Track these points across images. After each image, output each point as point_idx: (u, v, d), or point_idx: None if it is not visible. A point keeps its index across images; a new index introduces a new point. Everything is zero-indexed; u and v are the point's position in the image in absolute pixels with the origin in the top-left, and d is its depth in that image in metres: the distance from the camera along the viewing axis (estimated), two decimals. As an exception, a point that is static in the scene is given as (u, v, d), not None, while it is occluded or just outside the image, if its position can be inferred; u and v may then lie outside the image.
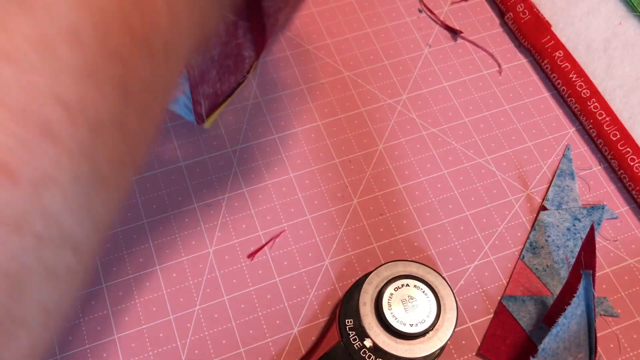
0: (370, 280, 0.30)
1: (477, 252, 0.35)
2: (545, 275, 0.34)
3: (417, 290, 0.30)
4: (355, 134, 0.39)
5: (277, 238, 0.35)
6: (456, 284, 0.34)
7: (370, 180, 0.37)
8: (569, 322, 0.30)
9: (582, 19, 0.43)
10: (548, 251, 0.35)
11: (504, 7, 0.43)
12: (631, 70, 0.41)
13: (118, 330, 0.33)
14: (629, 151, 0.37)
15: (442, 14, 0.44)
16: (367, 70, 0.41)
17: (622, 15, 0.44)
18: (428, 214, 0.36)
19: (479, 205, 0.37)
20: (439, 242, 0.36)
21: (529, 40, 0.42)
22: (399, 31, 0.43)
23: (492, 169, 0.38)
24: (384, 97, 0.40)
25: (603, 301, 0.34)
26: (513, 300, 0.34)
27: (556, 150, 0.39)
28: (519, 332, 0.33)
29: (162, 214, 0.36)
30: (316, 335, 0.33)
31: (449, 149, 0.39)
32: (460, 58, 0.42)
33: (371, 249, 0.35)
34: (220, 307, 0.33)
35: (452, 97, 0.41)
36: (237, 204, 0.36)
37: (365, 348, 0.29)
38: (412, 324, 0.29)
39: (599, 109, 0.39)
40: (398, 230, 0.36)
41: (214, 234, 0.35)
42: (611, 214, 0.37)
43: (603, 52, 0.42)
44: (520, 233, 0.36)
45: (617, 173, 0.38)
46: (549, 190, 0.37)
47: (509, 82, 0.41)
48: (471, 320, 0.34)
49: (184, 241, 0.35)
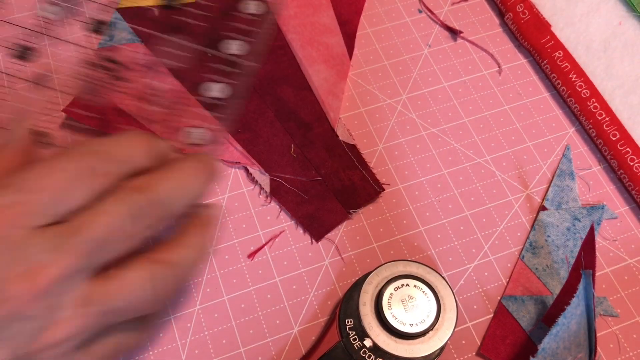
0: (370, 280, 0.30)
1: (477, 252, 0.35)
2: (545, 275, 0.34)
3: (417, 290, 0.30)
4: (356, 134, 0.39)
5: (277, 238, 0.35)
6: (456, 284, 0.34)
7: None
8: (569, 322, 0.30)
9: (582, 19, 0.43)
10: (548, 251, 0.35)
11: (504, 7, 0.43)
12: (631, 70, 0.41)
13: (118, 330, 0.33)
14: (629, 151, 0.37)
15: (442, 14, 0.44)
16: (367, 70, 0.41)
17: (622, 15, 0.44)
18: (428, 214, 0.36)
19: (478, 205, 0.37)
20: (439, 242, 0.36)
21: (528, 40, 0.42)
22: (399, 31, 0.43)
23: (492, 169, 0.38)
24: (384, 97, 0.40)
25: (603, 301, 0.34)
26: (513, 300, 0.34)
27: (556, 150, 0.39)
28: (518, 332, 0.33)
29: (162, 213, 0.36)
30: (316, 335, 0.33)
31: (448, 149, 0.39)
32: (460, 58, 0.42)
33: (371, 249, 0.35)
34: (220, 307, 0.33)
35: (452, 97, 0.41)
36: (237, 204, 0.36)
37: (365, 348, 0.29)
38: (412, 324, 0.29)
39: (599, 109, 0.39)
40: (398, 230, 0.36)
41: (214, 234, 0.35)
42: (611, 214, 0.37)
43: (603, 52, 0.42)
44: (520, 233, 0.36)
45: (616, 173, 0.38)
46: (548, 190, 0.37)
47: (509, 82, 0.41)
48: (471, 320, 0.34)
49: (184, 241, 0.35)
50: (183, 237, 0.26)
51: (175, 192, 0.25)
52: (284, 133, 0.38)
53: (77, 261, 0.22)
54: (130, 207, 0.23)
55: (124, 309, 0.24)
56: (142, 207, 0.24)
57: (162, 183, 0.25)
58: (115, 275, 0.23)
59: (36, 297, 0.21)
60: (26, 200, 0.22)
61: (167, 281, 0.25)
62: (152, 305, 0.25)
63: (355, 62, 0.42)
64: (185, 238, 0.26)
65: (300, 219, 0.36)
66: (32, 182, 0.22)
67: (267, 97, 0.39)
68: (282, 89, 0.40)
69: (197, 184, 0.27)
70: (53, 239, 0.22)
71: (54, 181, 0.22)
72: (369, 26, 0.43)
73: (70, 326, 0.22)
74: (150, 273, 0.24)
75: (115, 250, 0.23)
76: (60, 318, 0.22)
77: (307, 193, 0.36)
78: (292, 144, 0.38)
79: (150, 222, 0.24)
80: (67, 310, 0.22)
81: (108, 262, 0.23)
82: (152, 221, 0.24)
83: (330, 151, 0.38)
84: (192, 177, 0.26)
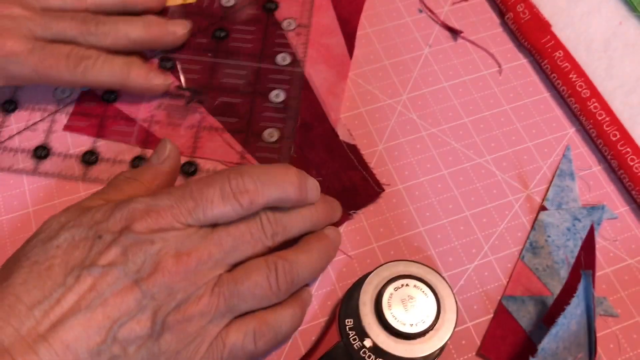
0: (370, 280, 0.30)
1: (477, 252, 0.35)
2: (545, 275, 0.35)
3: (417, 290, 0.30)
4: (356, 134, 0.39)
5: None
6: (456, 284, 0.34)
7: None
8: (569, 322, 0.30)
9: (582, 19, 0.43)
10: (548, 251, 0.35)
11: (504, 7, 0.43)
12: (631, 70, 0.41)
13: (118, 330, 0.33)
14: (629, 151, 0.37)
15: (442, 14, 0.44)
16: (367, 70, 0.41)
17: (622, 15, 0.44)
18: (428, 214, 0.37)
19: (479, 206, 0.37)
20: (439, 242, 0.36)
21: (529, 40, 0.42)
22: (399, 31, 0.43)
23: (492, 169, 0.38)
24: (384, 97, 0.40)
25: (603, 301, 0.34)
26: (513, 300, 0.34)
27: (556, 150, 0.39)
28: (519, 332, 0.33)
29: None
30: (316, 335, 0.33)
31: (449, 149, 0.39)
32: (460, 58, 0.42)
33: (371, 249, 0.35)
34: (221, 307, 0.33)
35: (452, 97, 0.41)
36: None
37: (365, 348, 0.29)
38: (412, 324, 0.29)
39: (599, 109, 0.39)
40: (398, 230, 0.36)
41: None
42: (611, 214, 0.37)
43: (603, 52, 0.42)
44: (520, 233, 0.36)
45: (617, 173, 0.38)
46: (548, 191, 0.37)
47: (509, 82, 0.41)
48: (471, 320, 0.34)
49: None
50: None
51: (308, 271, 0.31)
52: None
53: (218, 252, 0.28)
54: (267, 259, 0.30)
55: (245, 298, 0.29)
56: (278, 266, 0.30)
57: (303, 264, 0.31)
58: (241, 270, 0.29)
59: (186, 273, 0.27)
60: (182, 204, 0.28)
61: (284, 276, 0.30)
62: (270, 299, 0.30)
63: (355, 62, 0.42)
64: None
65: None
66: (186, 192, 0.28)
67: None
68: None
69: (324, 265, 0.33)
70: (202, 232, 0.28)
71: (206, 194, 0.28)
72: (369, 26, 0.43)
73: (205, 303, 0.28)
74: (266, 272, 0.29)
75: (244, 256, 0.29)
76: (199, 295, 0.27)
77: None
78: (293, 144, 0.38)
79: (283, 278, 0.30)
80: (206, 290, 0.28)
81: (237, 262, 0.29)
82: (284, 279, 0.30)
83: (330, 152, 0.38)
84: (324, 261, 0.33)
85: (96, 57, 0.36)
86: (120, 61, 0.37)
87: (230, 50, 0.41)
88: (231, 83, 0.40)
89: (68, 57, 0.36)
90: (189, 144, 0.38)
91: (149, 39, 0.39)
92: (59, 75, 0.36)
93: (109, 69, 0.37)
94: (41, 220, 0.34)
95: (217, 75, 0.40)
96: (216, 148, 0.37)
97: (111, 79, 0.37)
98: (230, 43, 0.41)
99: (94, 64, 0.36)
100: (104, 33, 0.37)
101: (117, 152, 0.37)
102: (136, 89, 0.38)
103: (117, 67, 0.37)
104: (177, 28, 0.40)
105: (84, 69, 0.36)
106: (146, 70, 0.38)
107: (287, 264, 0.30)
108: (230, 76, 0.40)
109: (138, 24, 0.38)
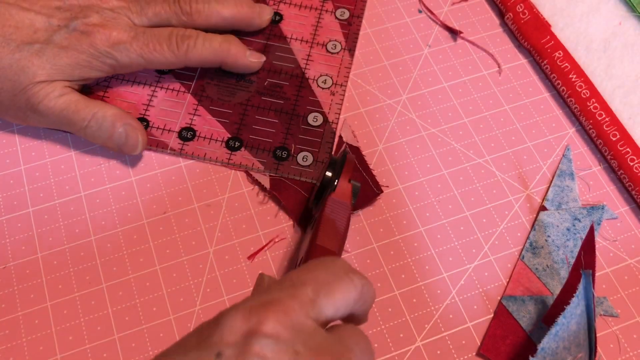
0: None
1: (477, 252, 0.35)
2: (545, 275, 0.35)
3: None
4: (356, 134, 0.39)
5: (277, 238, 0.35)
6: (456, 284, 0.34)
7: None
8: (569, 322, 0.30)
9: (582, 19, 0.43)
10: (548, 251, 0.35)
11: (504, 7, 0.43)
12: (631, 70, 0.41)
13: (118, 330, 0.33)
14: (629, 151, 0.37)
15: (442, 14, 0.44)
16: (367, 70, 0.41)
17: (622, 15, 0.44)
18: (428, 214, 0.36)
19: (478, 206, 0.37)
20: (439, 242, 0.36)
21: (528, 40, 0.42)
22: (399, 31, 0.43)
23: (492, 169, 0.38)
24: (384, 97, 0.40)
25: (603, 301, 0.34)
26: (513, 300, 0.34)
27: (556, 150, 0.39)
28: (519, 332, 0.33)
29: (162, 214, 0.36)
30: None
31: (448, 149, 0.39)
32: (460, 58, 0.42)
33: (371, 249, 0.35)
34: (221, 307, 0.33)
35: (451, 98, 0.41)
36: (237, 204, 0.36)
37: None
38: None
39: (599, 109, 0.39)
40: (398, 230, 0.36)
41: (214, 234, 0.35)
42: (611, 214, 0.37)
43: (603, 52, 0.42)
44: (520, 233, 0.36)
45: (616, 173, 0.38)
46: (548, 191, 0.37)
47: (509, 82, 0.41)
48: (471, 320, 0.34)
49: (184, 241, 0.35)
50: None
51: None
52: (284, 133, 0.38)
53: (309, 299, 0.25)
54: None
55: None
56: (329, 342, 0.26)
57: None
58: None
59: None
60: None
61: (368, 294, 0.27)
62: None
63: (355, 62, 0.42)
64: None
65: (301, 220, 0.36)
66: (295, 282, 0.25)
67: (267, 96, 0.39)
68: (283, 88, 0.40)
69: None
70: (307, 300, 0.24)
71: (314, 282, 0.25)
72: (369, 26, 0.43)
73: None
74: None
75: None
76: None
77: (307, 193, 0.36)
78: (293, 144, 0.38)
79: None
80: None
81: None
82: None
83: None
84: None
85: (196, 37, 0.37)
86: (220, 38, 0.38)
87: (283, 35, 0.42)
88: (281, 65, 0.41)
89: (170, 38, 0.37)
90: (236, 120, 0.38)
91: (240, 18, 0.40)
92: (163, 57, 0.37)
93: (210, 47, 0.38)
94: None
95: (268, 57, 0.41)
96: (261, 127, 0.39)
97: (212, 57, 0.38)
98: (283, 27, 0.42)
99: (195, 44, 0.37)
100: (197, 11, 0.38)
101: (165, 122, 0.39)
102: (234, 65, 0.39)
103: (217, 44, 0.38)
104: (264, 11, 0.41)
105: (187, 48, 0.37)
106: (244, 48, 0.39)
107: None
108: (282, 59, 0.41)
109: (230, 2, 0.39)
